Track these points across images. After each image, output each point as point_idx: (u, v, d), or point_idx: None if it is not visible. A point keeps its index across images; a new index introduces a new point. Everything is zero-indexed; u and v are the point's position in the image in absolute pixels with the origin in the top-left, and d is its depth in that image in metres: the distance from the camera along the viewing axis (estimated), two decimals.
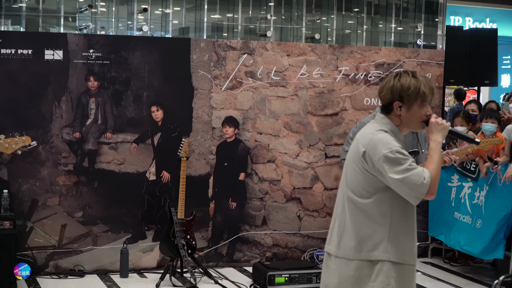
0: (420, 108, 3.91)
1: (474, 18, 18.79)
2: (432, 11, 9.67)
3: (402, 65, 8.96)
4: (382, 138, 3.87)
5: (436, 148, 3.89)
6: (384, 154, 3.79)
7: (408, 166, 3.75)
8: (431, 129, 3.93)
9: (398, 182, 3.75)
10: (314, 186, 8.87)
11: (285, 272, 7.71)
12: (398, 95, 3.89)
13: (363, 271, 3.92)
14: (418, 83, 3.88)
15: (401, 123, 3.96)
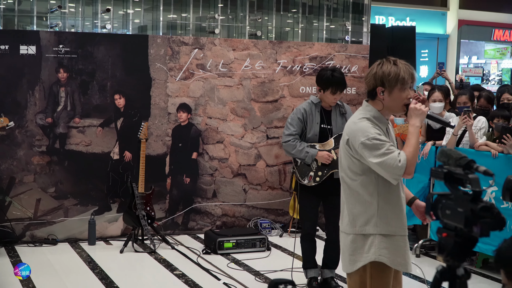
0: (401, 92, 3.92)
1: (396, 17, 18.90)
2: (359, 11, 9.84)
3: (332, 58, 9.13)
4: (361, 126, 3.92)
5: (414, 132, 3.91)
6: (362, 141, 3.86)
7: (385, 150, 3.81)
8: (410, 114, 3.93)
9: (376, 166, 3.82)
10: (257, 163, 9.06)
11: (233, 238, 7.93)
12: (380, 80, 3.92)
13: (358, 243, 4.00)
14: (398, 69, 3.90)
15: (383, 107, 3.97)
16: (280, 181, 9.18)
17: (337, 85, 6.35)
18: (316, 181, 6.43)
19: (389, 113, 4.05)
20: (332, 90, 6.34)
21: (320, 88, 6.42)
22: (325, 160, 6.36)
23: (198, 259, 7.65)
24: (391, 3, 18.54)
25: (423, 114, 3.95)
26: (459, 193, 2.55)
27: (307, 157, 6.35)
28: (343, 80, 6.43)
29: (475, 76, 20.13)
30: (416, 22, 18.67)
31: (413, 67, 4.05)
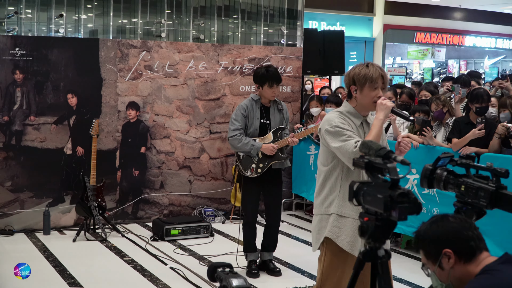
0: (371, 91, 3.99)
1: (327, 22, 19.14)
2: (293, 16, 9.86)
3: (269, 59, 9.16)
4: (329, 117, 4.06)
5: (376, 124, 3.97)
6: (326, 128, 3.99)
7: (346, 138, 3.90)
8: (377, 109, 3.99)
9: (336, 150, 3.92)
10: (201, 156, 9.04)
11: (179, 226, 7.90)
12: (353, 80, 4.03)
13: (322, 223, 4.12)
14: (368, 70, 4.00)
15: (357, 104, 4.06)
16: (223, 172, 9.18)
17: (272, 79, 6.39)
18: (258, 173, 6.47)
19: (364, 109, 4.11)
20: (269, 83, 6.38)
21: (258, 85, 6.44)
22: (270, 151, 6.39)
23: (146, 246, 7.61)
24: (323, 10, 18.71)
25: (388, 109, 3.99)
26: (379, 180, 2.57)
27: (252, 149, 6.37)
28: (277, 74, 6.48)
29: (399, 75, 20.45)
30: (346, 26, 18.95)
31: (384, 70, 4.12)
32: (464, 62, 24.26)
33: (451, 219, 2.78)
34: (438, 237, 2.74)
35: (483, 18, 22.89)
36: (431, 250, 2.77)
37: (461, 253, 2.72)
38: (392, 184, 2.50)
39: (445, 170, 3.16)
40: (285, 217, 9.26)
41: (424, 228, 2.79)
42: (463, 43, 23.33)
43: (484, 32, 23.42)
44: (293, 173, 9.56)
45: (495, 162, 5.96)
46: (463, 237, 2.72)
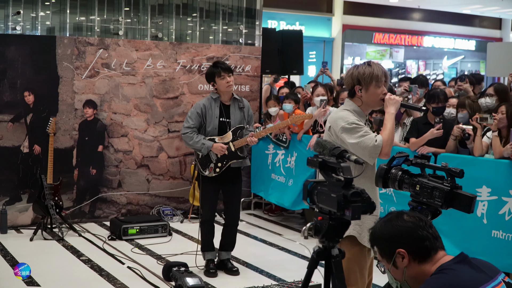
0: (376, 88, 4.09)
1: (287, 21, 19.18)
2: (252, 16, 9.88)
3: (228, 58, 9.17)
4: (341, 114, 4.08)
5: (389, 119, 4.05)
6: (342, 125, 4.01)
7: (363, 133, 3.95)
8: (386, 104, 4.08)
9: (355, 146, 3.93)
10: (160, 155, 9.01)
11: (136, 225, 7.87)
12: (357, 80, 4.10)
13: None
14: (371, 69, 4.08)
15: (362, 103, 4.13)
16: (181, 171, 9.16)
17: (221, 68, 6.41)
18: (216, 172, 6.48)
19: (368, 108, 4.20)
20: (218, 75, 6.39)
21: (213, 83, 6.46)
22: (219, 151, 6.40)
23: (103, 245, 7.56)
24: (282, 9, 18.77)
25: (397, 103, 4.08)
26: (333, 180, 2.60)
27: (203, 148, 6.38)
28: (225, 64, 6.52)
29: None
30: (305, 26, 19.04)
31: (383, 67, 4.19)
32: (423, 63, 24.53)
33: (406, 217, 2.78)
34: (392, 236, 2.75)
35: (442, 18, 23.18)
36: (385, 249, 2.78)
37: (415, 253, 2.73)
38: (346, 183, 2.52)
39: (400, 170, 3.20)
40: (243, 216, 9.27)
41: (378, 226, 2.81)
42: (422, 43, 23.59)
43: (443, 33, 23.71)
44: (252, 173, 9.57)
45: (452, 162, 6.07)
46: (418, 237, 2.72)
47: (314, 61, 19.97)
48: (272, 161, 9.09)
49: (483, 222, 6.08)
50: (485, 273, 2.65)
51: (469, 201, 2.91)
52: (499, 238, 5.99)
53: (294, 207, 8.59)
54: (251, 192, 9.70)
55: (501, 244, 5.91)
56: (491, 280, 2.62)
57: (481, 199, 6.07)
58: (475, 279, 2.59)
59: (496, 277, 2.66)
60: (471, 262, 2.69)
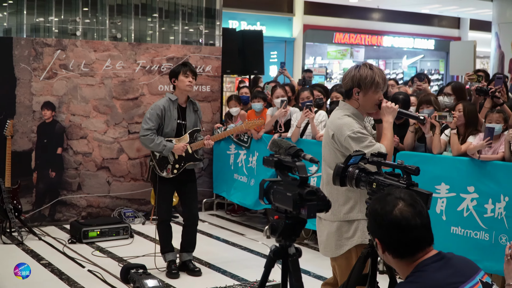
0: (374, 94, 4.05)
1: (248, 22, 19.16)
2: (212, 16, 9.86)
3: (188, 58, 9.11)
4: (346, 122, 4.01)
5: (389, 127, 4.04)
6: (348, 134, 3.94)
7: (369, 143, 3.92)
8: (383, 112, 4.05)
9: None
10: (120, 156, 8.96)
11: (97, 228, 7.80)
12: (357, 83, 4.03)
13: (343, 229, 4.06)
14: (373, 74, 4.02)
15: (359, 106, 4.09)
16: (142, 172, 9.11)
17: (187, 67, 6.44)
18: (174, 173, 6.49)
19: (364, 111, 4.16)
20: (184, 72, 6.40)
21: (174, 79, 6.43)
22: (180, 151, 6.42)
23: (64, 249, 7.48)
24: (243, 9, 18.78)
25: (395, 111, 4.06)
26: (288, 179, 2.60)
27: (164, 150, 6.38)
28: (190, 64, 6.55)
29: (319, 75, 20.67)
30: (266, 26, 19.07)
31: (383, 71, 4.16)
32: (383, 62, 24.75)
33: (400, 207, 2.60)
34: (373, 218, 2.64)
35: (401, 18, 23.39)
36: (370, 226, 2.71)
37: (389, 249, 2.63)
38: (301, 182, 2.53)
39: (357, 168, 3.22)
40: (206, 217, 9.27)
41: (374, 200, 2.72)
42: (382, 43, 23.79)
43: (402, 33, 23.94)
44: (214, 173, 9.56)
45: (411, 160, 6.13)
46: (395, 239, 2.61)
47: (276, 61, 20.02)
48: (235, 161, 9.09)
49: (442, 218, 6.15)
50: (462, 273, 2.59)
51: (425, 198, 2.93)
52: (458, 234, 6.08)
53: (257, 207, 8.60)
54: (213, 192, 9.67)
55: (460, 240, 6.00)
56: (467, 281, 2.56)
57: (440, 196, 6.14)
58: (450, 281, 2.52)
59: (473, 276, 2.60)
60: (448, 261, 2.62)
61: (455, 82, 7.56)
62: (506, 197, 5.88)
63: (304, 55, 20.99)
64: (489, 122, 6.28)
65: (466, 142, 6.38)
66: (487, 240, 5.98)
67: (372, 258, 3.26)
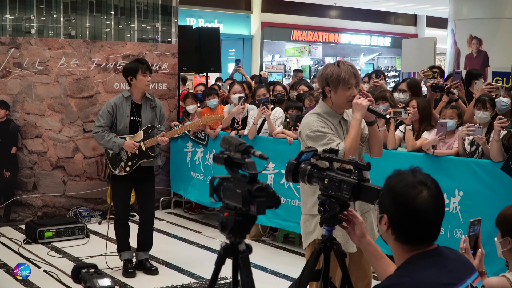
0: (345, 90, 4.06)
1: (205, 19, 19.14)
2: (168, 13, 9.80)
3: (144, 56, 9.04)
4: (308, 121, 4.14)
5: (354, 125, 4.05)
6: (306, 133, 4.08)
7: (327, 141, 3.99)
8: (353, 109, 4.07)
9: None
10: (76, 155, 8.87)
11: (53, 228, 7.72)
12: (326, 81, 4.10)
13: (307, 223, 4.16)
14: (340, 70, 4.04)
15: (333, 103, 4.14)
16: (98, 171, 9.03)
17: (145, 64, 6.43)
18: (126, 171, 6.46)
19: (339, 108, 4.18)
20: (142, 70, 6.36)
21: (131, 77, 6.37)
22: (131, 149, 6.39)
23: (19, 249, 7.40)
24: (200, 7, 18.75)
25: (364, 108, 4.04)
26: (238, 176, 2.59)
27: (114, 146, 6.37)
28: (147, 62, 6.54)
29: (277, 72, 20.72)
30: (224, 24, 19.06)
31: (355, 67, 4.18)
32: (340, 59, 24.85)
33: (422, 198, 2.48)
34: (389, 195, 2.57)
35: (358, 16, 23.58)
36: (382, 200, 2.62)
37: (396, 231, 2.54)
38: (250, 178, 2.52)
39: (309, 164, 3.23)
40: (163, 215, 9.25)
41: (393, 177, 2.62)
42: (339, 40, 23.95)
43: (359, 30, 24.13)
44: (171, 171, 9.53)
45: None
46: (408, 223, 2.50)
47: (234, 59, 20.02)
48: (192, 159, 9.07)
49: None
50: (455, 274, 2.49)
51: (375, 193, 2.94)
52: None
53: (214, 204, 8.56)
54: (171, 191, 9.64)
55: None
56: (458, 284, 2.46)
57: None
58: (440, 281, 2.42)
59: (464, 280, 2.50)
60: (443, 259, 2.53)
61: (411, 79, 7.65)
62: (461, 192, 5.98)
63: (262, 52, 21.03)
64: (443, 118, 6.38)
65: (421, 138, 6.47)
66: (443, 234, 6.07)
67: (325, 254, 3.27)
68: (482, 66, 12.65)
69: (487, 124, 6.19)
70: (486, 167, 5.82)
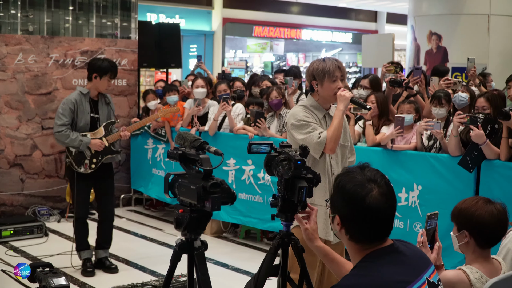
0: (330, 83, 4.20)
1: (166, 15, 18.98)
2: (127, 8, 9.71)
3: (103, 52, 8.98)
4: (293, 111, 4.32)
5: (337, 115, 4.19)
6: (292, 123, 4.23)
7: (310, 129, 4.16)
8: (337, 100, 4.21)
9: (302, 142, 4.07)
10: (34, 153, 8.74)
11: (10, 226, 7.63)
12: (313, 75, 4.25)
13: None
14: (325, 64, 4.20)
15: (319, 97, 4.29)
16: (57, 169, 8.91)
17: (115, 72, 6.42)
18: (92, 168, 6.40)
19: (325, 102, 4.32)
20: (110, 75, 6.36)
21: (97, 75, 6.31)
22: (98, 147, 6.35)
23: None
24: (162, 3, 18.65)
25: (347, 100, 4.19)
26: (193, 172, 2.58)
27: (81, 145, 6.29)
28: (117, 68, 6.55)
29: (239, 68, 20.73)
30: (185, 19, 18.99)
31: (340, 62, 4.30)
32: (302, 55, 24.99)
33: (372, 197, 2.46)
34: (342, 197, 2.52)
35: (320, 12, 23.65)
36: (333, 200, 2.58)
37: (349, 231, 2.53)
38: (205, 175, 2.51)
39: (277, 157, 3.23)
40: (124, 213, 9.19)
41: (342, 176, 2.57)
42: (301, 36, 24.01)
43: (321, 26, 24.21)
44: (132, 168, 9.47)
45: None
46: (356, 221, 2.49)
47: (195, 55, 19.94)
48: (153, 156, 9.03)
49: None
50: (412, 270, 2.49)
51: (302, 191, 2.97)
52: None
53: (175, 201, 8.35)
54: (131, 188, 9.58)
55: None
56: (415, 280, 2.45)
57: None
58: (398, 279, 2.41)
59: (421, 275, 2.49)
60: (400, 255, 2.52)
61: (373, 75, 7.70)
62: (419, 186, 6.04)
63: (224, 48, 20.99)
64: (401, 113, 6.44)
65: (380, 133, 6.52)
66: (402, 228, 6.13)
67: (283, 249, 3.27)
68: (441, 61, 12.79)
69: (445, 119, 6.27)
70: (445, 162, 5.89)
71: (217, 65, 19.69)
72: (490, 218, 3.19)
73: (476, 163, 5.64)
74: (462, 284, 3.12)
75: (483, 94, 6.06)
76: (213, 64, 19.83)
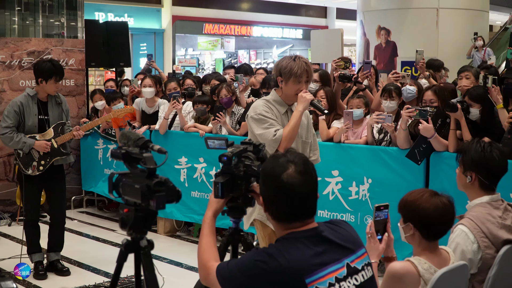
0: (295, 84, 4.28)
1: (115, 13, 18.79)
2: (73, 7, 9.61)
3: (50, 52, 8.85)
4: (255, 104, 4.39)
5: (295, 116, 4.26)
6: (251, 115, 4.30)
7: (267, 125, 4.23)
8: (298, 101, 4.29)
9: (258, 136, 4.20)
10: None
11: None
12: (279, 72, 4.31)
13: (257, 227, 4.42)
14: (294, 65, 4.26)
15: (282, 93, 4.37)
16: (6, 172, 8.77)
17: (59, 73, 6.30)
18: (40, 170, 6.32)
19: (288, 99, 4.40)
20: (55, 78, 6.25)
21: (42, 79, 6.22)
22: (43, 149, 6.26)
23: None
24: (110, 1, 18.50)
25: (307, 102, 4.27)
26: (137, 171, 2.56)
27: (24, 146, 6.21)
28: (62, 69, 6.43)
29: (190, 66, 20.65)
30: (134, 18, 18.84)
31: (310, 64, 4.37)
32: (253, 52, 25.04)
33: (287, 174, 2.55)
34: (263, 178, 2.65)
35: (270, 8, 23.69)
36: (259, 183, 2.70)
37: (269, 210, 2.63)
38: (149, 173, 2.49)
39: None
40: (75, 214, 9.09)
41: (266, 160, 2.71)
42: (251, 33, 24.02)
43: (271, 23, 24.26)
44: (82, 169, 9.36)
45: None
46: (281, 202, 2.58)
47: (145, 53, 19.82)
48: (104, 156, 8.96)
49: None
50: (331, 254, 2.54)
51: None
52: (324, 217, 6.26)
53: None
54: (82, 189, 9.47)
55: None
56: (330, 264, 2.51)
57: None
58: (313, 262, 2.46)
59: (341, 259, 2.56)
60: (322, 239, 2.57)
61: (322, 70, 7.75)
62: (369, 179, 6.11)
63: (174, 46, 20.88)
64: (350, 108, 6.49)
65: (332, 128, 6.56)
66: (353, 221, 6.20)
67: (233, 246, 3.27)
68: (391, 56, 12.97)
69: (395, 112, 6.34)
70: (394, 155, 5.96)
71: (168, 64, 19.58)
72: (435, 211, 3.17)
73: (424, 156, 5.72)
74: (410, 276, 3.12)
75: (430, 87, 6.14)
76: (163, 62, 19.71)
